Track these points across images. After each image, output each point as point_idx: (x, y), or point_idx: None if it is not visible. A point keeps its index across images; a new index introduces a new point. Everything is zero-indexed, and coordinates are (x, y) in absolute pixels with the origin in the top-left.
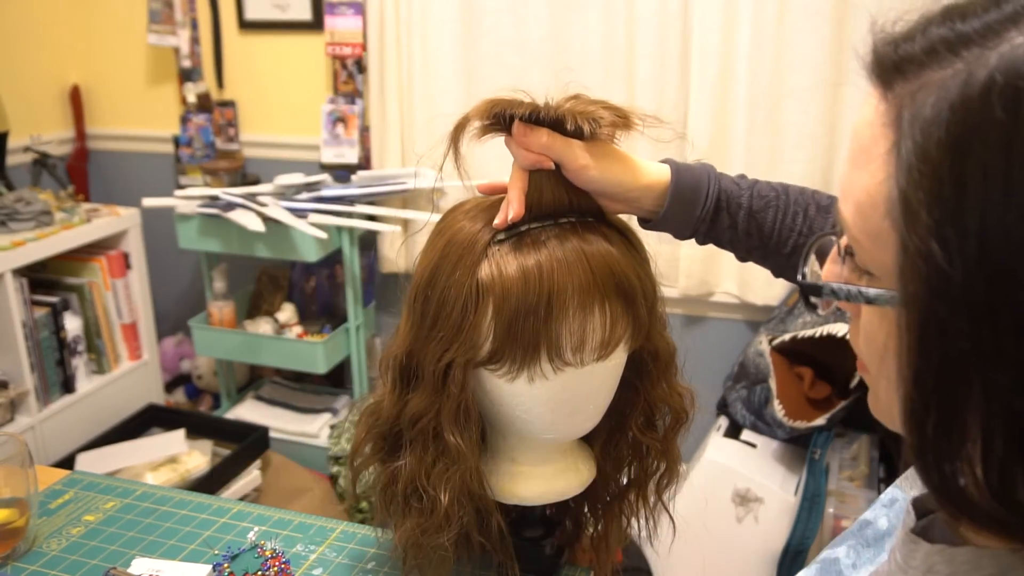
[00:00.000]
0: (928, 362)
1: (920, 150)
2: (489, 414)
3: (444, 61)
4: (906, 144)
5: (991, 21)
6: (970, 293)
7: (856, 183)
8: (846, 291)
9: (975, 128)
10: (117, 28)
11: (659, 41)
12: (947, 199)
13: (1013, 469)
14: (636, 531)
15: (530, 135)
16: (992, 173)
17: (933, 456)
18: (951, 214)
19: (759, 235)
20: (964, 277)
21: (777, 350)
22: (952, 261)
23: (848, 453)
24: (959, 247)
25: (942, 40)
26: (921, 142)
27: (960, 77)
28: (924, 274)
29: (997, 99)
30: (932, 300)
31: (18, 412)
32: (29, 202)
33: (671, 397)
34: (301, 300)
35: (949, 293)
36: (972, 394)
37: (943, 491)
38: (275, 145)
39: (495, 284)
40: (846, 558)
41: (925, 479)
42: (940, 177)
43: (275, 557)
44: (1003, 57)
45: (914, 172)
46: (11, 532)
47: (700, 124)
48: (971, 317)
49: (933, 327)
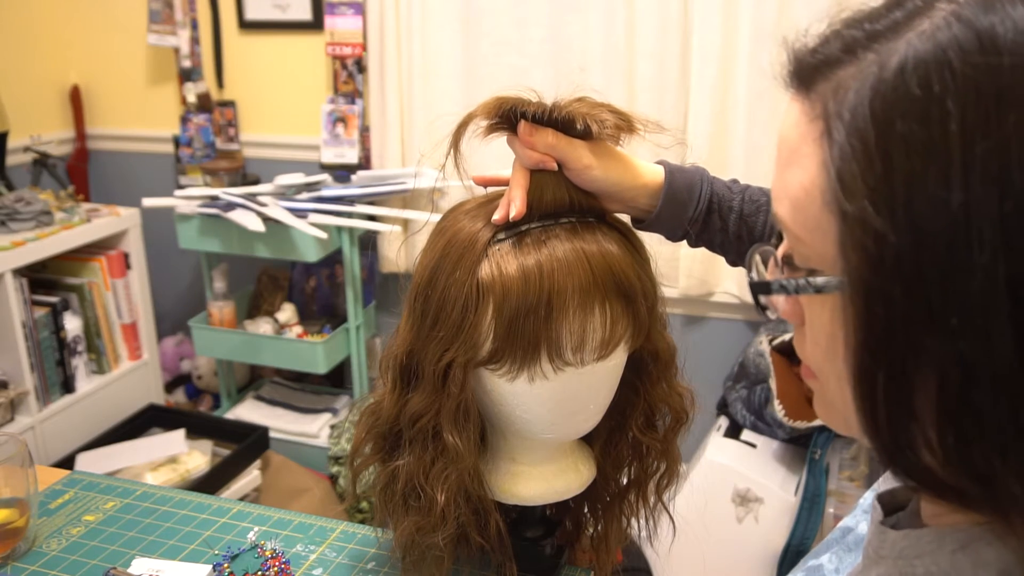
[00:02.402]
0: (872, 331)
1: (849, 127)
2: (489, 414)
3: (444, 61)
4: (836, 126)
5: (897, 19)
6: (904, 258)
7: (789, 182)
8: (794, 284)
9: (895, 104)
10: (117, 28)
11: (659, 41)
12: (877, 170)
13: (969, 437)
14: (636, 531)
15: (536, 135)
16: (913, 143)
17: (888, 431)
18: (882, 183)
19: (750, 239)
20: (897, 242)
21: (777, 350)
22: (885, 226)
23: (848, 453)
24: (890, 213)
25: (855, 40)
26: (849, 120)
27: (877, 63)
28: (861, 242)
29: (911, 76)
30: (871, 269)
31: (18, 412)
32: (29, 202)
33: (671, 397)
34: (301, 300)
35: (884, 260)
36: (919, 362)
37: (901, 465)
38: (275, 145)
39: (495, 284)
40: (829, 564)
41: (882, 455)
42: (869, 151)
43: (275, 557)
44: (910, 43)
45: (846, 147)
46: (11, 532)
47: (700, 124)
48: (905, 283)
49: (874, 296)
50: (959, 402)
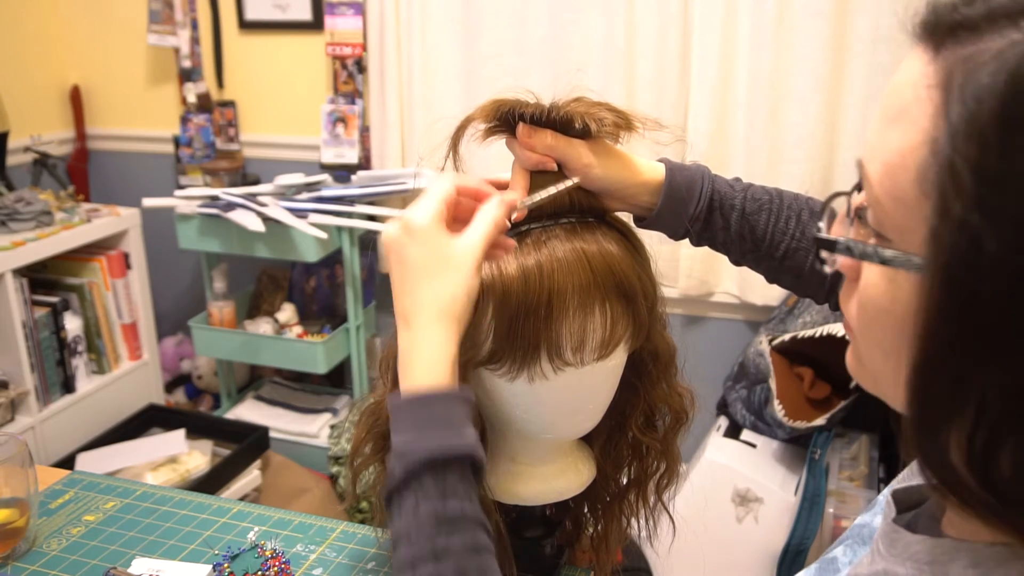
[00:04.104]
0: (947, 331)
1: (972, 116)
2: (489, 414)
3: (444, 61)
4: (956, 109)
5: None
6: (1003, 267)
7: (888, 143)
8: (861, 249)
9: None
10: (117, 28)
11: (659, 41)
12: (993, 171)
13: (998, 445)
14: (636, 531)
15: (535, 136)
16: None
17: (929, 423)
18: (996, 185)
19: (752, 238)
20: (999, 250)
21: (777, 350)
22: (990, 232)
23: (848, 453)
24: (999, 220)
25: (1003, 8)
26: (974, 108)
27: (1020, 48)
28: (958, 242)
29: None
30: (962, 269)
31: (18, 412)
32: (29, 202)
33: (671, 397)
34: (301, 300)
35: (981, 264)
36: (981, 369)
37: (932, 461)
38: (275, 145)
39: (495, 284)
40: (843, 556)
41: (916, 445)
42: (989, 147)
43: (275, 557)
44: None
45: (961, 138)
46: (11, 532)
47: (700, 124)
48: (998, 292)
49: (958, 297)
50: (1004, 412)
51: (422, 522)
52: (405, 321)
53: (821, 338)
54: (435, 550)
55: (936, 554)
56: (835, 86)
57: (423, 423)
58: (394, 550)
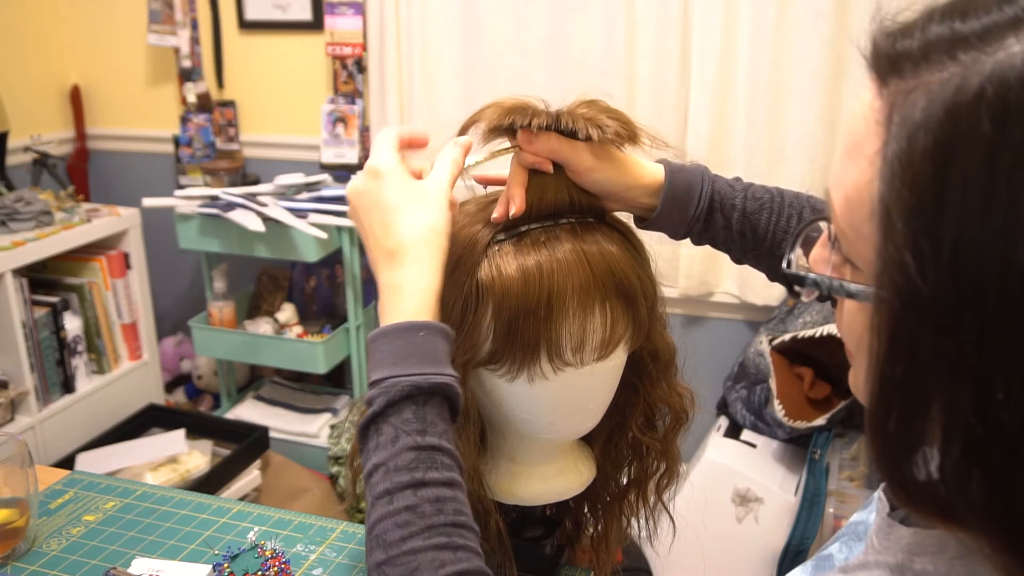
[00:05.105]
0: (893, 368)
1: (905, 156)
2: (489, 414)
3: (444, 61)
4: (892, 148)
5: (991, 24)
6: (939, 307)
7: (847, 176)
8: (827, 284)
9: (960, 138)
10: (117, 28)
11: (659, 41)
12: (926, 209)
13: (970, 473)
14: (636, 531)
15: (537, 141)
16: (973, 185)
17: (890, 453)
18: (928, 225)
19: (753, 237)
20: (935, 291)
21: (777, 350)
22: (924, 274)
23: (848, 453)
24: (933, 259)
25: (940, 40)
26: (906, 148)
27: (953, 83)
28: (897, 283)
29: (986, 110)
30: (902, 309)
31: (18, 412)
32: (29, 202)
33: (671, 397)
34: (301, 300)
35: (918, 304)
36: (933, 403)
37: (899, 484)
38: (275, 145)
39: (495, 284)
40: (839, 553)
41: (881, 470)
42: (921, 186)
43: (275, 557)
44: (997, 66)
45: (896, 180)
46: (11, 532)
47: (700, 124)
48: (937, 331)
49: (902, 336)
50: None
51: (400, 453)
52: (391, 257)
53: (821, 338)
54: (413, 481)
55: (926, 545)
56: (835, 86)
57: (406, 355)
58: (367, 479)
